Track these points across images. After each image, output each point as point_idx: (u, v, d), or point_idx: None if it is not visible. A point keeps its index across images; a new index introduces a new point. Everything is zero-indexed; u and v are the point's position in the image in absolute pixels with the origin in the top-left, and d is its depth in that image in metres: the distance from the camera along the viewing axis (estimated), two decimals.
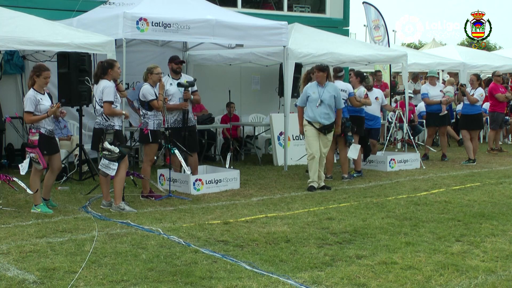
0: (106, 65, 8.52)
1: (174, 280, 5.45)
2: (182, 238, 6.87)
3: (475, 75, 14.26)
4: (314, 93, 10.19)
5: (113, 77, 8.55)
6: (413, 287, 5.32)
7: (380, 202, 9.13)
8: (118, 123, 8.47)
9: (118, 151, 8.19)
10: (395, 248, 6.56)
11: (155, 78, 9.16)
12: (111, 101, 8.33)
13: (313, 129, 10.19)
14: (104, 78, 8.47)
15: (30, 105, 8.11)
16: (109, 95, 8.32)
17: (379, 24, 18.32)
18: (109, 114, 8.34)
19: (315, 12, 17.76)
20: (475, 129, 13.97)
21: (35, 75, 8.27)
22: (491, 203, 9.17)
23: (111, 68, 8.50)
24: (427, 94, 14.08)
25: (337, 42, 14.05)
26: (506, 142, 17.96)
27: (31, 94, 8.19)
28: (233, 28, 11.37)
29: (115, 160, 8.22)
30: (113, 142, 8.25)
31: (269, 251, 6.44)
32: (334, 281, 5.46)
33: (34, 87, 8.27)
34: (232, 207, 8.72)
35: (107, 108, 8.31)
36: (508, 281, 5.49)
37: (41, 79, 8.27)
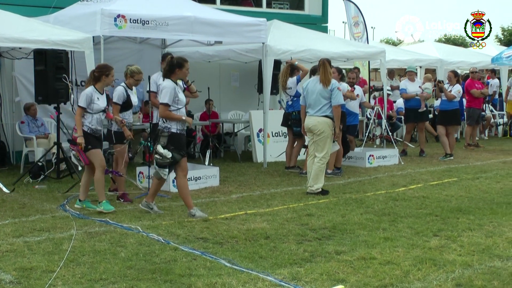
0: (176, 63, 7.81)
1: (153, 278, 5.44)
2: (161, 235, 6.85)
3: (453, 72, 14.43)
4: None
5: (179, 78, 7.91)
6: (391, 282, 5.36)
7: (359, 198, 9.18)
8: (178, 126, 7.75)
9: (171, 156, 7.64)
10: (373, 244, 6.61)
11: (133, 82, 8.94)
12: (166, 104, 7.65)
13: None
14: (170, 76, 7.78)
15: (85, 101, 8.04)
16: (165, 97, 7.66)
17: (359, 21, 18.42)
18: (164, 117, 7.73)
19: (293, 9, 17.79)
20: (453, 125, 14.13)
21: (104, 75, 8.17)
22: (468, 198, 9.26)
23: (180, 68, 7.79)
24: (405, 89, 14.23)
25: (316, 39, 14.09)
26: (483, 138, 18.12)
27: (90, 91, 8.10)
28: (211, 25, 11.35)
29: (166, 166, 7.74)
30: (166, 146, 7.68)
31: (248, 247, 6.45)
32: (313, 277, 5.48)
33: (97, 85, 8.17)
34: (211, 204, 8.72)
35: (162, 110, 7.71)
36: (484, 274, 5.56)
37: (109, 78, 8.22)
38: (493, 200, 9.04)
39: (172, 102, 7.68)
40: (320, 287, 5.24)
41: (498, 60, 18.91)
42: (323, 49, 13.34)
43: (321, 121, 9.50)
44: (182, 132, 7.81)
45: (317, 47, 13.30)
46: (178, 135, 7.75)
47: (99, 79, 8.21)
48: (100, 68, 8.30)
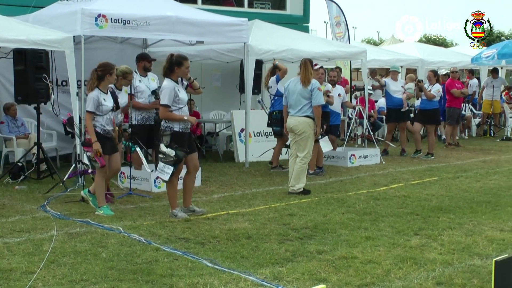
0: (174, 61, 7.70)
1: (134, 278, 5.42)
2: (142, 236, 6.82)
3: (432, 71, 14.60)
4: None
5: (179, 76, 7.77)
6: (372, 281, 5.39)
7: (341, 198, 9.21)
8: (180, 125, 7.68)
9: (174, 154, 7.55)
10: (355, 243, 6.63)
11: (125, 83, 8.81)
12: (166, 105, 7.58)
13: None
14: (169, 76, 7.70)
15: (93, 105, 7.90)
16: (165, 98, 7.60)
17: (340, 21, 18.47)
18: (165, 119, 7.66)
19: (275, 8, 17.79)
20: (432, 124, 14.27)
21: (108, 74, 8.04)
22: (448, 197, 9.33)
23: (179, 66, 7.68)
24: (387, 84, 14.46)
25: (298, 39, 14.11)
26: (463, 137, 18.26)
27: (96, 94, 7.95)
28: (193, 24, 11.32)
29: (171, 164, 7.61)
30: (170, 144, 7.60)
31: (230, 247, 6.44)
32: (295, 277, 5.49)
33: (101, 86, 8.03)
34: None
35: (162, 111, 7.65)
36: (464, 273, 5.61)
37: (113, 77, 8.12)
38: (473, 199, 9.12)
39: (172, 102, 7.62)
40: (301, 286, 5.25)
41: (478, 60, 19.08)
42: (304, 49, 13.36)
43: (302, 121, 9.52)
44: (185, 130, 7.73)
45: (299, 47, 13.32)
46: (181, 134, 7.68)
47: (102, 78, 8.05)
48: (103, 67, 8.13)
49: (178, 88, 7.72)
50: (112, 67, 8.18)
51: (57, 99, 10.69)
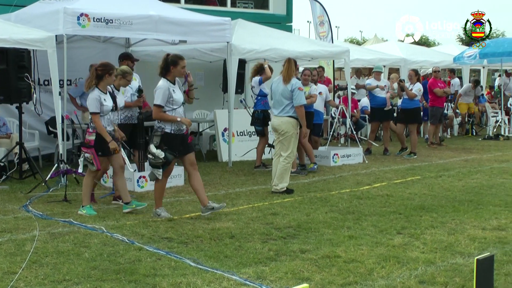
0: (170, 61, 7.63)
1: (117, 278, 5.40)
2: (125, 235, 6.80)
3: (414, 71, 14.78)
4: None
5: (175, 76, 7.70)
6: (355, 280, 5.41)
7: (324, 197, 9.24)
8: (173, 127, 7.58)
9: (163, 156, 7.45)
10: (338, 242, 6.65)
11: (125, 83, 8.67)
12: (159, 105, 7.49)
13: None
14: (165, 76, 7.63)
15: (96, 105, 7.84)
16: (158, 98, 7.50)
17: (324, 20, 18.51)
18: (157, 119, 7.58)
19: (258, 8, 17.82)
20: (413, 123, 14.40)
21: (108, 74, 7.95)
22: (430, 196, 9.39)
23: (174, 65, 7.61)
24: (370, 83, 14.52)
25: (281, 38, 14.13)
26: (445, 136, 18.38)
27: (97, 95, 7.88)
28: (176, 24, 11.30)
29: (159, 166, 7.52)
30: (159, 145, 7.50)
31: (213, 247, 6.44)
32: (278, 276, 5.50)
33: (100, 85, 7.96)
34: (176, 204, 8.68)
35: (154, 112, 7.54)
36: (446, 271, 5.64)
37: (112, 77, 8.04)
38: (455, 198, 9.18)
39: (166, 103, 7.53)
40: (285, 285, 5.26)
41: (460, 60, 19.22)
42: (287, 48, 13.39)
43: (285, 121, 9.53)
44: (177, 132, 7.61)
45: (282, 46, 13.34)
46: (172, 136, 7.56)
47: (101, 78, 7.97)
48: (103, 66, 8.04)
49: (173, 88, 7.62)
50: (112, 67, 8.12)
51: (39, 98, 10.65)
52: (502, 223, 7.55)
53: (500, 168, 12.27)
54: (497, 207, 8.51)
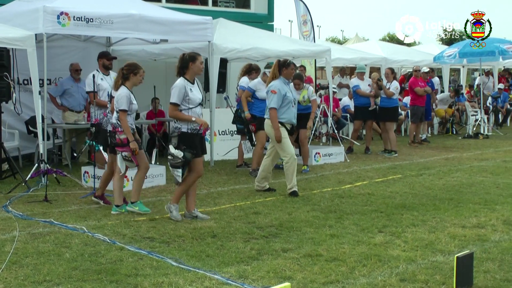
0: (188, 57, 7.55)
1: (99, 278, 5.37)
2: (107, 235, 6.77)
3: (390, 69, 14.94)
4: (287, 92, 9.36)
5: (194, 73, 7.62)
6: (337, 279, 5.42)
7: (306, 196, 9.26)
8: (189, 126, 7.49)
9: (182, 156, 7.37)
10: (320, 241, 6.67)
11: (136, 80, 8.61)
12: (174, 103, 7.44)
13: (285, 130, 9.39)
14: (183, 74, 7.55)
15: (126, 103, 7.83)
16: (174, 96, 7.44)
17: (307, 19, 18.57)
18: (172, 117, 7.60)
19: (240, 7, 17.80)
20: (391, 121, 14.53)
21: (132, 73, 7.93)
22: (411, 194, 9.44)
23: (193, 61, 7.52)
24: (358, 86, 14.57)
25: (262, 37, 14.14)
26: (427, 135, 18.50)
27: (126, 92, 7.87)
28: (157, 23, 11.26)
29: (179, 166, 7.43)
30: (178, 146, 7.46)
31: (195, 246, 6.43)
32: (260, 275, 5.50)
33: (127, 84, 7.94)
34: (158, 204, 8.66)
35: (170, 110, 7.51)
36: (427, 269, 5.68)
37: (137, 77, 7.98)
38: (436, 196, 9.25)
39: (182, 101, 7.48)
40: (267, 284, 5.26)
41: (440, 59, 19.37)
42: (269, 48, 13.40)
43: (267, 123, 9.48)
44: (194, 132, 7.53)
45: (264, 46, 13.35)
46: (189, 135, 7.48)
47: (127, 78, 7.96)
48: (128, 66, 8.04)
49: (190, 87, 7.55)
50: (137, 67, 8.08)
51: (19, 98, 10.55)
52: (481, 221, 7.62)
53: (479, 166, 12.38)
54: (477, 205, 8.59)
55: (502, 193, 9.48)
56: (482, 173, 11.52)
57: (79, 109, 12.04)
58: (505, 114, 22.45)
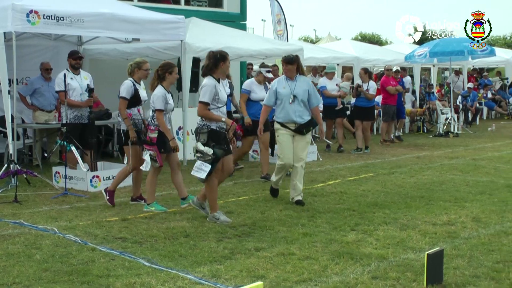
0: (219, 56, 7.51)
1: (70, 279, 5.32)
2: (78, 236, 6.71)
3: (363, 69, 15.12)
4: (285, 88, 8.71)
5: (222, 72, 7.59)
6: (310, 277, 5.45)
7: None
8: (218, 124, 7.47)
9: (212, 152, 7.33)
10: (293, 239, 6.69)
11: (142, 74, 8.49)
12: (206, 103, 7.39)
13: (287, 132, 8.69)
14: (211, 73, 7.51)
15: (162, 103, 7.89)
16: (205, 95, 7.38)
17: (281, 19, 18.63)
18: (203, 116, 7.48)
19: (212, 6, 17.75)
20: (368, 120, 14.77)
21: (167, 72, 7.97)
22: (383, 192, 9.52)
23: (224, 61, 7.51)
24: (325, 86, 14.66)
25: (235, 36, 14.13)
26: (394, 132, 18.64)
27: (162, 92, 7.93)
28: (129, 22, 11.16)
29: (209, 162, 7.36)
30: (207, 142, 7.40)
31: (168, 246, 6.41)
32: (233, 274, 5.50)
33: (164, 84, 7.99)
34: (130, 204, 8.60)
35: (200, 109, 7.44)
36: (398, 266, 5.73)
37: (173, 76, 8.02)
38: (408, 194, 9.33)
39: (212, 101, 7.42)
40: (239, 284, 5.26)
41: (411, 58, 19.53)
42: (242, 47, 13.40)
43: None
44: (221, 130, 7.51)
45: (236, 45, 13.34)
46: (218, 132, 7.47)
47: (163, 78, 8.02)
48: (162, 66, 8.10)
49: (219, 87, 7.52)
50: (172, 65, 8.12)
51: None
52: (451, 218, 7.71)
53: (450, 164, 12.52)
54: (447, 202, 8.69)
55: (472, 190, 9.60)
56: (452, 171, 11.66)
57: (50, 109, 11.91)
58: (474, 112, 22.77)
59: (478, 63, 27.28)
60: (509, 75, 28.22)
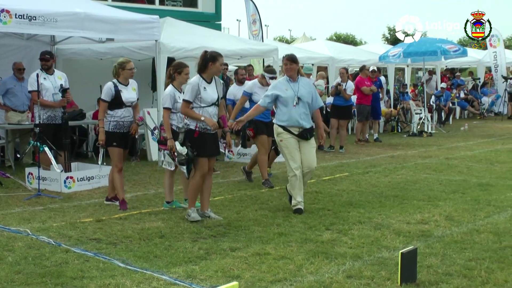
0: (209, 57, 7.51)
1: (43, 282, 5.27)
2: (52, 238, 6.65)
3: (344, 69, 15.22)
4: (287, 89, 8.18)
5: (213, 73, 7.56)
6: (285, 277, 5.46)
7: (254, 195, 9.29)
8: (199, 124, 7.45)
9: (186, 153, 7.40)
10: (268, 239, 6.70)
11: (127, 74, 8.39)
12: (186, 100, 7.43)
13: (291, 137, 8.13)
14: (201, 72, 7.52)
15: (170, 101, 7.87)
16: (187, 94, 7.44)
17: (256, 19, 18.65)
18: (183, 114, 7.60)
19: (187, 6, 17.72)
20: (345, 119, 14.99)
21: (176, 72, 8.00)
22: (358, 192, 9.57)
23: (213, 61, 7.48)
24: None
25: (210, 36, 14.13)
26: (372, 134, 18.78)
27: (171, 91, 7.96)
28: (103, 21, 11.09)
29: (183, 163, 7.48)
30: (184, 142, 7.47)
31: (143, 247, 6.38)
32: (209, 274, 5.49)
33: (174, 84, 8.04)
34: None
35: (182, 106, 7.52)
36: (373, 265, 5.77)
37: (182, 76, 8.01)
38: (382, 194, 9.40)
39: (194, 99, 7.43)
40: (215, 284, 5.25)
41: (385, 59, 19.69)
42: (217, 47, 13.29)
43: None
44: (204, 131, 7.46)
45: (211, 45, 13.27)
46: (199, 133, 7.44)
47: (174, 78, 8.09)
48: (173, 67, 8.19)
49: (204, 86, 7.47)
50: (181, 66, 8.15)
51: None
52: (425, 217, 7.79)
53: (423, 164, 12.64)
54: (421, 201, 8.77)
55: (445, 189, 9.70)
56: (426, 170, 11.77)
57: (23, 109, 11.80)
58: (447, 112, 23.01)
59: (451, 63, 27.59)
60: (481, 75, 28.61)
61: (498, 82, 26.19)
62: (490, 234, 6.91)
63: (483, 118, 24.94)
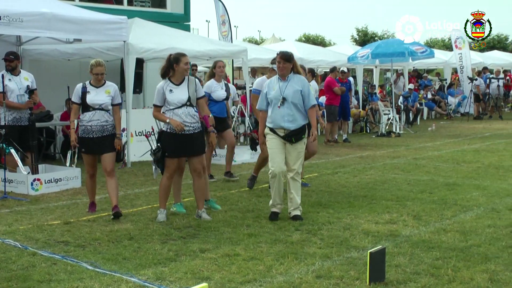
0: (172, 59, 7.56)
1: (9, 286, 5.20)
2: (18, 241, 6.56)
3: (310, 70, 15.21)
4: (275, 89, 7.84)
5: (179, 74, 7.55)
6: (255, 277, 5.46)
7: (224, 196, 9.28)
8: (169, 125, 7.49)
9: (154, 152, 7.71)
10: (238, 240, 6.70)
11: (95, 77, 8.22)
12: (154, 105, 7.61)
13: (276, 138, 7.78)
14: (166, 75, 7.58)
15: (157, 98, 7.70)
16: (155, 98, 7.59)
17: (225, 20, 18.63)
18: (154, 117, 7.84)
19: (155, 7, 17.62)
20: None
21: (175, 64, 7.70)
22: (327, 192, 9.62)
23: (177, 63, 7.51)
24: None
25: (179, 37, 14.09)
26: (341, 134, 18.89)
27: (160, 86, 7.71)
28: (70, 22, 10.98)
29: (153, 162, 7.76)
30: (157, 144, 7.73)
31: (112, 249, 6.33)
32: (178, 276, 5.48)
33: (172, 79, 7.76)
34: (73, 207, 8.47)
35: (153, 111, 7.71)
36: (342, 265, 5.81)
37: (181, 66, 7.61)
38: (351, 194, 9.46)
39: (162, 103, 7.56)
40: (184, 285, 5.24)
41: (354, 60, 19.83)
42: (186, 48, 13.31)
43: None
44: (173, 131, 7.49)
45: (180, 46, 13.26)
46: (166, 133, 7.58)
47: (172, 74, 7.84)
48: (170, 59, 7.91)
49: (170, 88, 7.52)
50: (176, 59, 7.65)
51: None
52: (393, 217, 7.86)
53: (392, 164, 12.75)
54: (389, 201, 8.85)
55: (413, 189, 9.80)
56: (394, 170, 11.88)
57: None
58: (415, 113, 23.25)
59: (418, 65, 27.90)
60: (447, 76, 28.98)
61: (464, 83, 26.56)
62: (456, 233, 7.00)
63: (450, 118, 25.27)
